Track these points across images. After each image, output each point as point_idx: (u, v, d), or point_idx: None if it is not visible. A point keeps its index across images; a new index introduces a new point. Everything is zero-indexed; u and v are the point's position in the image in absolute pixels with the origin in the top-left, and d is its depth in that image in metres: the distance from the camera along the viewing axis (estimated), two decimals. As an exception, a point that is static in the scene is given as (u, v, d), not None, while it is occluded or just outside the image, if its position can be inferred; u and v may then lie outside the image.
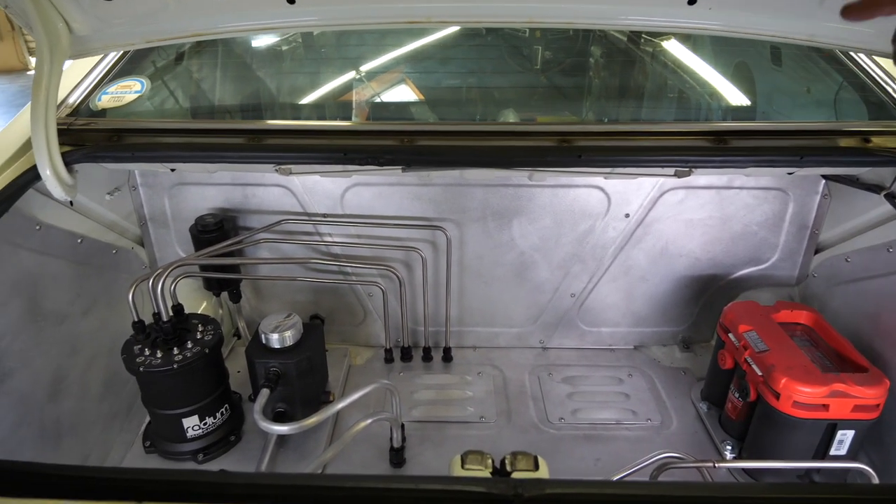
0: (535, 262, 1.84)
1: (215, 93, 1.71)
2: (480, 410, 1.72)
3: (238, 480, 0.74)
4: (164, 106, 1.54)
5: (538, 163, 1.10)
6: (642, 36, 1.85)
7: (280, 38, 1.87)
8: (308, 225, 1.78)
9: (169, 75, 1.60)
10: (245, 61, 1.72)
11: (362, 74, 1.56)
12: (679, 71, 1.80)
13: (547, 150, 1.10)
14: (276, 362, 1.49)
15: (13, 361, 1.20)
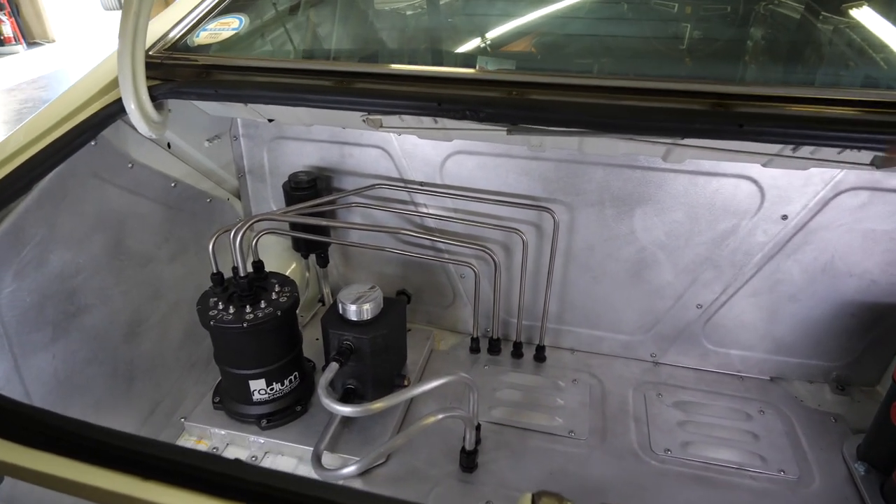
0: (658, 261, 1.55)
1: (312, 33, 1.61)
2: (571, 424, 1.49)
3: (250, 476, 0.60)
4: (259, 44, 1.46)
5: (681, 130, 0.85)
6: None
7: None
8: (403, 192, 1.64)
9: (270, 14, 1.51)
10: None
11: (472, 16, 1.36)
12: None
13: (695, 115, 0.84)
14: (350, 335, 1.37)
15: (90, 298, 1.18)
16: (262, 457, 1.39)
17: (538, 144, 1.28)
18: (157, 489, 0.63)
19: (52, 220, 1.05)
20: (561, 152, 1.45)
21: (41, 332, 1.05)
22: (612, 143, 1.19)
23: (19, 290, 0.99)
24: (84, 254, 1.15)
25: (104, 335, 1.23)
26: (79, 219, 1.13)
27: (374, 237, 1.70)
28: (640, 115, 0.86)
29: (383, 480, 1.33)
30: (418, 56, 1.34)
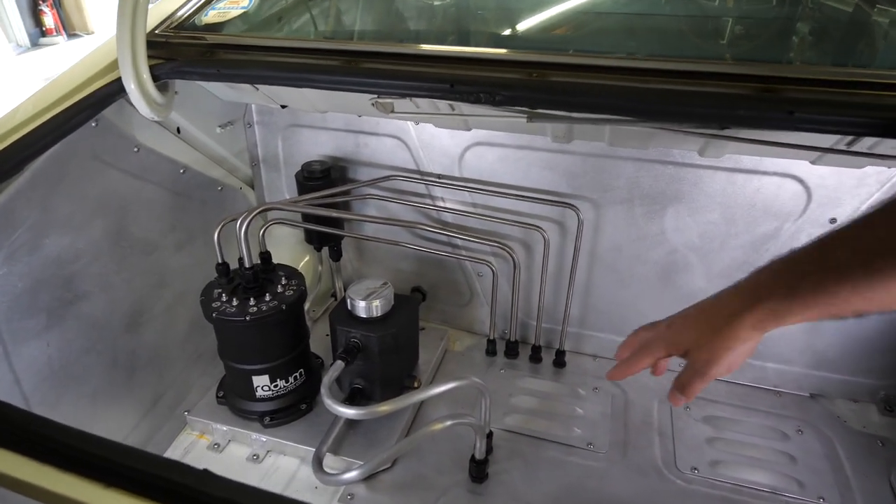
0: (690, 264, 1.45)
1: (322, 11, 1.54)
2: (589, 435, 1.39)
3: (215, 491, 0.54)
4: (268, 23, 1.40)
5: (723, 117, 0.75)
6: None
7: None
8: (419, 185, 1.56)
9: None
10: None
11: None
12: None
13: (739, 100, 0.74)
14: (358, 333, 1.30)
15: (89, 285, 1.14)
16: (263, 455, 1.33)
17: (562, 136, 1.19)
18: (117, 498, 0.57)
19: (47, 202, 1.00)
20: (587, 145, 1.36)
21: (34, 318, 1.01)
22: (643, 134, 1.09)
23: (10, 275, 0.95)
24: (83, 239, 1.11)
25: (104, 324, 1.19)
26: (78, 202, 1.08)
27: (389, 231, 1.64)
28: (675, 99, 0.77)
29: (387, 487, 1.26)
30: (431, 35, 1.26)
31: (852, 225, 0.61)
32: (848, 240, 0.62)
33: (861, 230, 0.61)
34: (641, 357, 0.80)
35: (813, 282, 0.62)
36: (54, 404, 1.07)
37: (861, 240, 0.61)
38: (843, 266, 0.60)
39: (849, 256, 0.60)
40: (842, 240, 0.62)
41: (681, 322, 0.76)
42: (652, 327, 0.82)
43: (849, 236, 0.62)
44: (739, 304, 0.68)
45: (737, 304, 0.68)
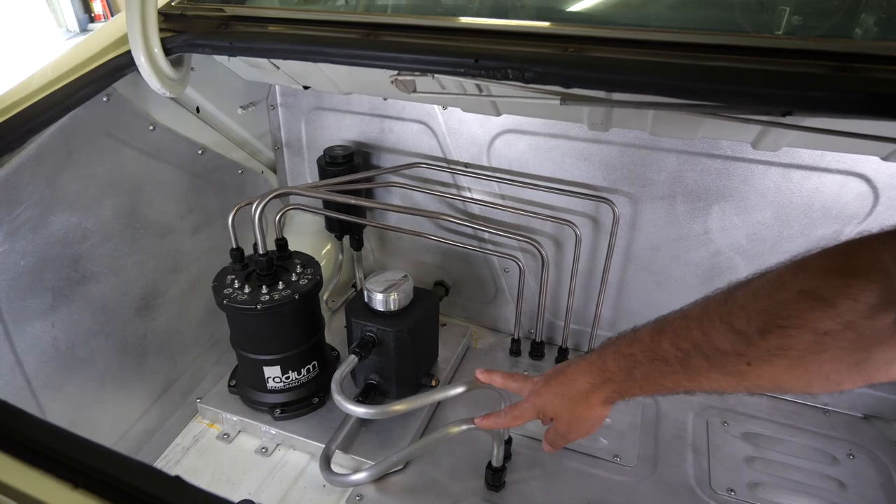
0: (735, 268, 1.33)
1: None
2: (616, 447, 1.30)
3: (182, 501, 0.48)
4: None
5: (791, 99, 0.64)
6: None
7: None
8: (445, 174, 1.48)
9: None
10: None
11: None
12: None
13: (809, 80, 0.64)
14: (373, 326, 1.24)
15: (98, 266, 1.10)
16: (273, 449, 1.29)
17: (600, 123, 1.09)
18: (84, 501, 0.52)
19: (54, 179, 0.97)
20: (627, 135, 1.26)
21: (38, 298, 0.98)
22: (691, 122, 0.99)
23: (12, 252, 0.92)
24: (93, 219, 1.07)
25: (113, 307, 1.15)
26: (87, 180, 1.05)
27: (413, 221, 1.57)
28: (734, 78, 0.67)
29: (398, 489, 1.20)
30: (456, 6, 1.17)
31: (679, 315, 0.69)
32: (672, 335, 0.68)
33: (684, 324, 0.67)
34: (512, 419, 0.95)
35: (644, 371, 0.72)
36: (59, 387, 1.04)
37: (681, 336, 0.67)
38: (667, 360, 0.68)
39: (672, 351, 0.68)
40: (669, 333, 0.69)
41: (545, 392, 0.88)
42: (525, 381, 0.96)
43: (674, 330, 0.68)
44: (589, 383, 0.80)
45: (587, 382, 0.81)
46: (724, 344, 0.62)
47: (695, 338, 0.65)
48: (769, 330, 0.58)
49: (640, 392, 0.75)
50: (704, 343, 0.64)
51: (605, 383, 0.78)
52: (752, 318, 0.60)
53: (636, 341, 0.74)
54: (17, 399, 0.96)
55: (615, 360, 0.77)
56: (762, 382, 0.62)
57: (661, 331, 0.70)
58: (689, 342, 0.66)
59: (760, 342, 0.59)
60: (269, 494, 1.18)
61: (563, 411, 0.85)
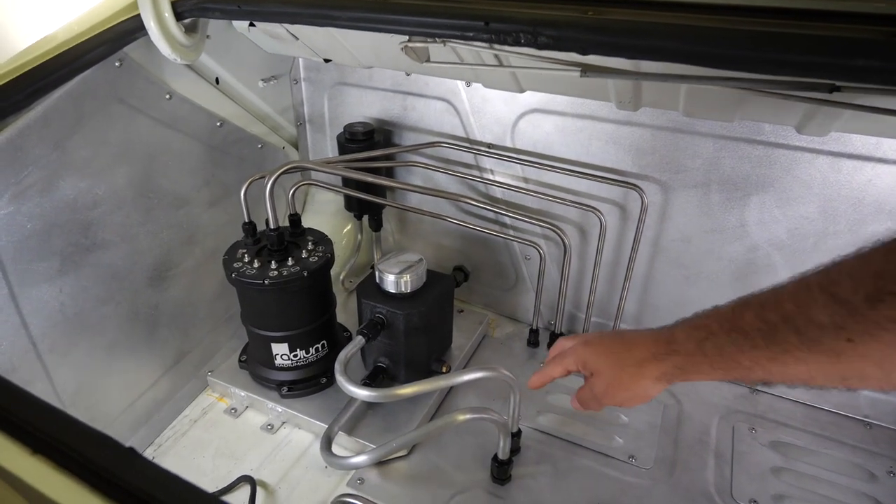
0: (773, 266, 1.23)
1: None
2: (633, 447, 1.23)
3: (131, 473, 0.45)
4: None
5: (835, 69, 0.56)
6: None
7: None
8: (467, 154, 1.43)
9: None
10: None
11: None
12: None
13: (859, 47, 0.56)
14: (383, 308, 1.21)
15: (109, 234, 1.10)
16: (278, 426, 1.28)
17: (628, 100, 1.02)
18: (40, 466, 0.50)
19: (63, 142, 0.96)
20: (660, 116, 1.17)
21: (46, 262, 0.98)
22: (728, 100, 0.91)
23: (17, 214, 0.91)
24: (104, 185, 1.07)
25: (124, 275, 1.15)
26: (99, 146, 1.04)
27: (433, 203, 1.52)
28: (769, 42, 0.59)
29: (400, 476, 1.17)
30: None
31: (770, 289, 0.60)
32: (758, 306, 0.60)
33: (773, 297, 0.59)
34: (554, 367, 0.85)
35: (717, 343, 0.63)
36: (66, 352, 1.05)
37: (768, 308, 0.58)
38: (748, 332, 0.59)
39: (756, 323, 0.59)
40: (755, 305, 0.60)
41: (597, 344, 0.80)
42: (573, 338, 0.86)
43: (761, 302, 0.60)
44: (650, 352, 0.71)
45: (648, 351, 0.71)
46: (822, 316, 0.52)
47: (786, 310, 0.55)
48: (881, 298, 0.48)
49: (708, 370, 0.64)
50: (797, 315, 0.54)
51: (669, 355, 0.68)
52: (860, 284, 0.50)
53: (714, 313, 0.65)
54: (23, 362, 0.97)
55: (685, 331, 0.68)
56: (864, 367, 0.51)
57: (745, 304, 0.61)
58: (778, 314, 0.56)
59: (869, 312, 0.49)
60: (270, 471, 1.17)
61: (608, 370, 0.76)
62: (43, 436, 0.52)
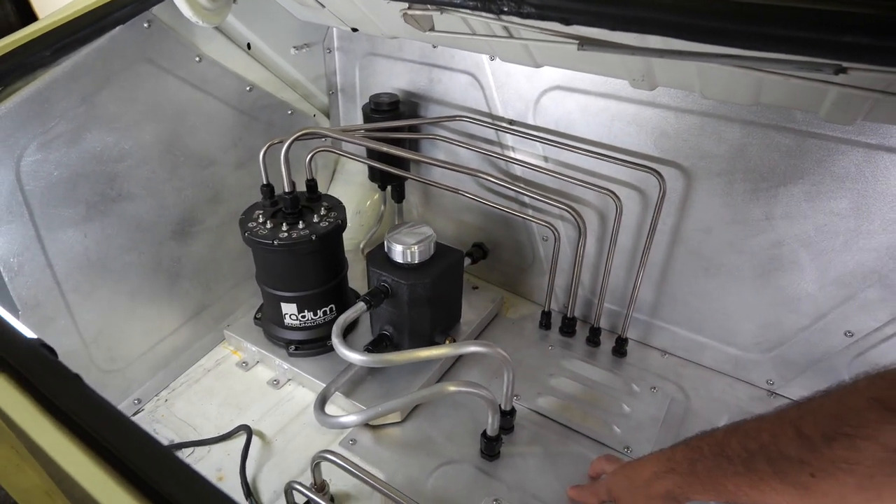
0: (798, 262, 1.16)
1: None
2: (630, 438, 1.20)
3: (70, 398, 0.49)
4: None
5: (825, 45, 0.51)
6: None
7: None
8: (489, 130, 1.41)
9: None
10: None
11: None
12: None
13: (848, 21, 0.51)
14: (388, 277, 1.23)
15: (135, 187, 1.17)
16: (284, 382, 1.33)
17: (641, 78, 0.97)
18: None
19: (90, 97, 1.03)
20: (685, 99, 1.11)
21: (72, 209, 1.06)
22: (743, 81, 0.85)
23: (45, 162, 0.99)
24: (130, 140, 1.13)
25: (148, 227, 1.22)
26: (127, 103, 1.10)
27: (455, 178, 1.51)
28: (754, 16, 0.55)
29: (392, 441, 1.20)
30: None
31: (757, 417, 0.65)
32: (743, 434, 0.65)
33: (756, 426, 0.64)
34: (591, 496, 0.99)
35: (707, 466, 0.68)
36: (88, 293, 1.13)
37: (750, 436, 0.63)
38: (731, 458, 0.64)
39: (738, 450, 0.64)
40: (741, 432, 0.65)
41: (619, 472, 0.90)
42: (610, 460, 1.03)
43: (746, 430, 0.65)
44: (653, 471, 0.78)
45: (652, 470, 0.78)
46: (790, 449, 0.57)
47: (763, 440, 0.62)
48: (834, 437, 0.53)
49: (702, 492, 0.69)
50: (771, 446, 0.60)
51: (669, 473, 0.75)
52: (819, 422, 0.56)
53: (708, 436, 0.72)
54: (47, 298, 1.05)
55: (683, 452, 0.75)
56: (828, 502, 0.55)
57: (734, 430, 0.68)
58: (757, 443, 0.62)
59: (825, 450, 0.54)
60: (269, 423, 1.23)
61: (625, 495, 0.84)
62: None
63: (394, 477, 1.12)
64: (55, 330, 1.08)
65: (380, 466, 1.14)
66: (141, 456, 0.46)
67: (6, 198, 0.95)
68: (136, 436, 0.47)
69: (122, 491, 0.46)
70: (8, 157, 0.93)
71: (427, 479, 1.12)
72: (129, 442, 0.47)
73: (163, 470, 0.45)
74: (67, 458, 0.49)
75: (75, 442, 0.50)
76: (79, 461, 0.49)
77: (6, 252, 0.97)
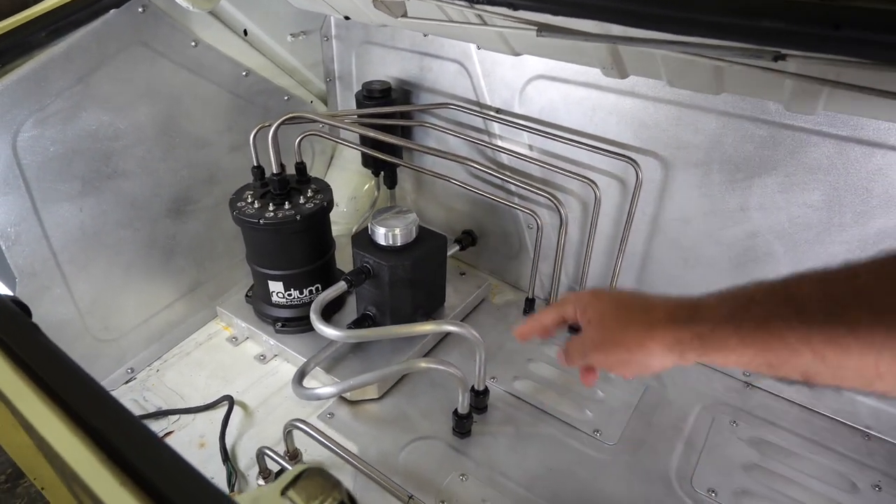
0: (773, 254, 1.17)
1: None
2: (601, 422, 1.23)
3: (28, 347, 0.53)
4: None
5: (738, 30, 0.53)
6: None
7: None
8: (477, 119, 1.44)
9: None
10: None
11: None
12: None
13: (794, 9, 0.52)
14: (371, 259, 1.26)
15: (130, 165, 1.22)
16: (270, 358, 1.38)
17: (610, 65, 0.99)
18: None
19: (85, 77, 1.08)
20: (661, 89, 1.13)
21: (68, 183, 1.12)
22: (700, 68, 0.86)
23: (41, 138, 1.05)
24: (125, 120, 1.19)
25: (144, 204, 1.28)
26: (122, 84, 1.15)
27: (446, 166, 1.54)
28: (688, 3, 0.57)
29: (368, 416, 1.24)
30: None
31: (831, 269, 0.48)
32: (819, 280, 0.49)
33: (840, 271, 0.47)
34: (547, 313, 0.71)
35: (760, 314, 0.50)
36: (84, 265, 1.19)
37: (836, 281, 0.47)
38: (804, 304, 0.48)
39: (817, 295, 0.47)
40: (814, 278, 0.49)
41: (606, 294, 0.66)
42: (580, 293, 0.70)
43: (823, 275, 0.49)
44: (667, 313, 0.57)
45: (665, 312, 0.57)
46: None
47: (860, 282, 0.45)
48: None
49: (736, 346, 0.51)
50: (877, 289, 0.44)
51: (690, 322, 0.54)
52: None
53: (757, 284, 0.53)
54: (44, 268, 1.12)
55: (717, 297, 0.55)
56: None
57: (800, 276, 0.50)
58: (849, 286, 0.46)
59: None
60: (252, 395, 1.28)
61: (611, 321, 0.61)
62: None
63: (367, 450, 1.16)
64: (51, 298, 1.15)
65: (354, 439, 1.18)
66: (83, 398, 0.51)
67: (3, 170, 1.01)
68: (80, 380, 0.52)
69: (67, 430, 0.50)
70: (5, 131, 0.99)
71: (399, 454, 1.16)
72: (74, 385, 0.52)
73: (102, 409, 0.49)
74: (22, 401, 0.54)
75: (32, 387, 0.55)
76: (32, 402, 0.53)
77: (3, 222, 1.03)
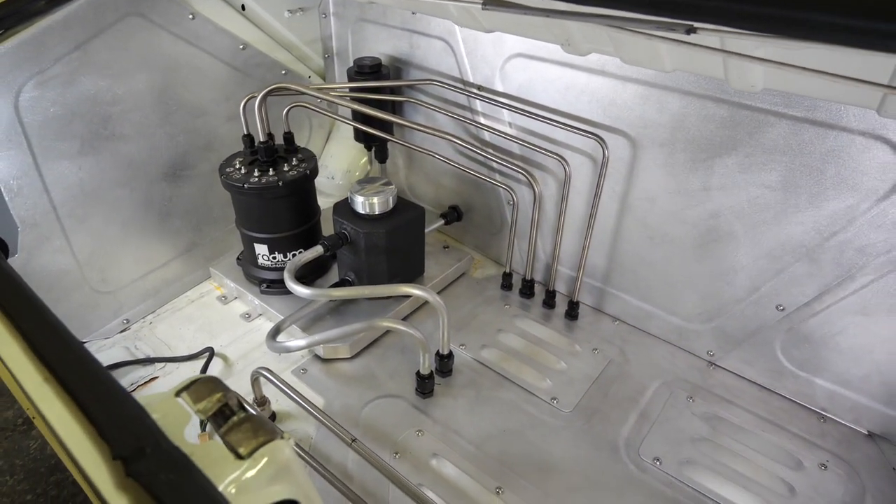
0: (733, 234, 1.19)
1: None
2: (559, 391, 1.27)
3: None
4: None
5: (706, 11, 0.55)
6: None
7: None
8: (461, 96, 1.48)
9: None
10: None
11: None
12: None
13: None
14: (348, 226, 1.33)
15: (128, 129, 1.31)
16: (255, 316, 1.47)
17: (566, 41, 1.02)
18: None
19: (83, 45, 1.17)
20: (629, 68, 1.15)
21: (67, 142, 1.21)
22: (643, 44, 0.89)
23: (41, 99, 1.14)
24: (123, 87, 1.27)
25: (140, 166, 1.37)
26: (119, 52, 1.24)
27: (433, 143, 1.60)
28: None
29: (338, 373, 1.31)
30: None
31: None
32: None
33: None
34: None
35: None
36: (83, 219, 1.29)
37: None
38: None
39: None
40: None
41: None
42: None
43: None
44: None
45: None
46: None
47: None
48: None
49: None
50: None
51: None
52: None
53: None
54: (45, 220, 1.22)
55: None
56: None
57: None
58: None
59: None
60: (234, 349, 1.37)
61: None
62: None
63: (332, 404, 1.24)
64: (51, 248, 1.25)
65: (322, 394, 1.26)
66: (29, 320, 0.58)
67: (6, 127, 1.10)
68: (31, 304, 0.59)
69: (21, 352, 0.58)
70: (7, 91, 1.09)
71: (362, 409, 1.23)
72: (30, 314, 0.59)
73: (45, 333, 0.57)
74: None
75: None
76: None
77: (6, 175, 1.13)
